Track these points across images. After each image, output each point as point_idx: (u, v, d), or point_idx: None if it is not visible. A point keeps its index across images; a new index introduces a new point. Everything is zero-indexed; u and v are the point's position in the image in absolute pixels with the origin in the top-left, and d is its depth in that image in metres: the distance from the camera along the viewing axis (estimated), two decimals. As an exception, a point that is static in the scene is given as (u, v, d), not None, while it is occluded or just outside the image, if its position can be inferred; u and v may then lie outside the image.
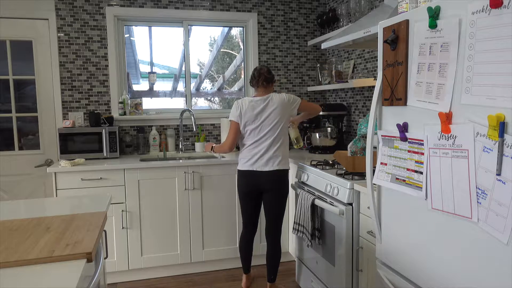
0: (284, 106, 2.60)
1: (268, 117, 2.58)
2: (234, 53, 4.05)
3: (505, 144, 1.13)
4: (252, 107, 2.60)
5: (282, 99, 2.61)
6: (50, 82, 3.42)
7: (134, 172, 3.03)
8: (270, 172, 2.60)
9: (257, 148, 2.60)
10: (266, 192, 2.67)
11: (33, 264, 1.16)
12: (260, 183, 2.63)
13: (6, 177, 3.38)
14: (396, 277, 1.66)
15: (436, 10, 1.37)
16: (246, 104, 2.62)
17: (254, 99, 2.63)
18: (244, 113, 2.60)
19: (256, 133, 2.60)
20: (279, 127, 2.60)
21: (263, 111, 2.59)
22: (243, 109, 2.61)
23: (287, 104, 2.62)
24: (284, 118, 2.62)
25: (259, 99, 2.61)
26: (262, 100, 2.60)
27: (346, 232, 2.19)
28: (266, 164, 2.59)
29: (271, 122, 2.58)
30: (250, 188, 2.68)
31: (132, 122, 3.58)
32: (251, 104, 2.61)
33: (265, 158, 2.59)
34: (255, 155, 2.60)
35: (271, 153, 2.59)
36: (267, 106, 2.59)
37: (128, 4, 3.51)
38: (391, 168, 1.64)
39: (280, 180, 2.64)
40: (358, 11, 3.13)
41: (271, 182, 2.62)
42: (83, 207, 1.78)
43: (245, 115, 2.60)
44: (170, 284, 3.06)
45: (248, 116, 2.60)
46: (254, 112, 2.59)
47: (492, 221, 1.18)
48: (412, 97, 1.52)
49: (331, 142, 3.41)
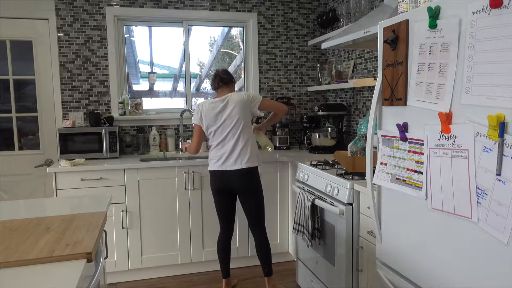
0: (243, 104, 2.60)
1: (228, 117, 2.58)
2: (234, 53, 4.05)
3: (505, 144, 1.13)
4: (212, 108, 2.61)
5: (241, 98, 2.61)
6: (50, 82, 3.42)
7: (134, 172, 3.03)
8: (239, 170, 2.60)
9: (224, 148, 2.61)
10: (239, 192, 2.68)
11: (33, 264, 1.16)
12: (231, 182, 2.63)
13: (6, 177, 3.38)
14: (396, 277, 1.66)
15: (436, 10, 1.37)
16: (206, 106, 2.63)
17: (214, 100, 2.64)
18: (205, 115, 2.62)
19: (219, 133, 2.61)
20: (241, 125, 2.59)
21: (222, 111, 2.59)
22: (203, 111, 2.62)
23: (246, 102, 2.61)
24: (245, 116, 2.61)
25: (218, 99, 2.63)
26: (221, 101, 2.61)
27: (346, 232, 2.19)
28: (235, 163, 2.59)
29: (232, 121, 2.58)
30: (222, 187, 2.68)
31: (132, 122, 3.58)
32: (211, 106, 2.62)
33: (233, 157, 2.60)
34: (223, 155, 2.61)
35: (238, 151, 2.59)
36: (226, 106, 2.59)
37: (128, 4, 3.51)
38: (391, 168, 1.64)
39: (249, 178, 2.64)
40: (358, 11, 3.13)
41: (241, 181, 2.62)
42: (83, 207, 1.78)
43: (206, 117, 2.62)
44: (170, 284, 3.06)
45: (209, 117, 2.61)
46: (214, 113, 2.60)
47: (492, 221, 1.18)
48: (412, 97, 1.52)
49: (331, 142, 3.41)
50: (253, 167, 2.64)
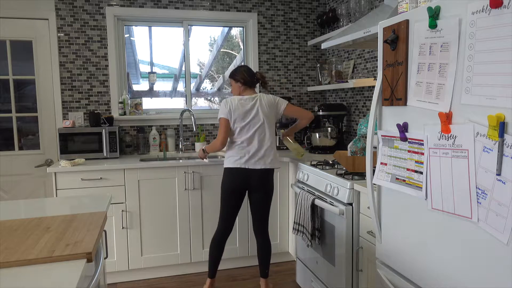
0: (271, 107, 2.66)
1: (257, 116, 2.62)
2: (234, 53, 4.05)
3: (505, 144, 1.13)
4: (241, 105, 2.62)
5: (270, 99, 2.67)
6: (50, 82, 3.42)
7: (134, 172, 3.03)
8: (262, 170, 2.63)
9: (249, 146, 2.62)
10: (254, 191, 2.68)
11: (33, 264, 1.16)
12: (250, 181, 2.64)
13: (6, 177, 3.38)
14: (396, 277, 1.66)
15: (436, 10, 1.37)
16: (236, 102, 2.63)
17: (243, 97, 2.66)
18: (233, 110, 2.62)
19: (245, 131, 2.62)
20: (268, 126, 2.64)
21: (252, 109, 2.62)
22: (232, 106, 2.62)
23: (274, 105, 2.68)
24: (272, 118, 2.67)
25: (248, 97, 2.65)
26: (251, 99, 2.64)
27: (346, 232, 2.19)
28: (258, 162, 2.61)
29: (260, 120, 2.62)
30: (238, 186, 2.67)
31: (132, 122, 3.58)
32: (240, 102, 2.63)
33: (257, 156, 2.61)
34: (246, 153, 2.62)
35: (263, 151, 2.62)
36: (255, 105, 2.63)
37: (128, 4, 3.51)
38: (391, 168, 1.64)
39: (269, 179, 2.68)
40: (358, 11, 3.13)
41: (261, 181, 2.64)
42: (83, 207, 1.78)
43: (234, 112, 2.61)
44: (170, 284, 3.06)
45: (238, 113, 2.61)
46: (243, 110, 2.61)
47: (492, 221, 1.18)
48: (412, 97, 1.52)
49: (331, 142, 3.41)
50: (274, 168, 2.70)
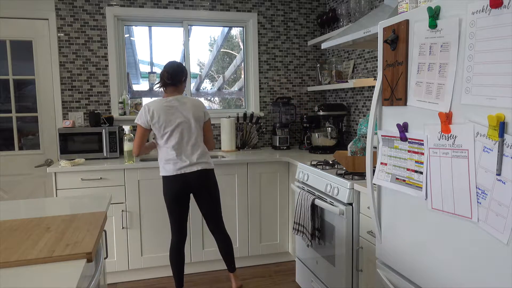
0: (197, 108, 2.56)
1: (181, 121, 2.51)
2: (234, 53, 4.05)
3: (505, 144, 1.13)
4: (165, 108, 2.50)
5: (196, 103, 2.57)
6: (50, 82, 3.42)
7: (134, 172, 3.03)
8: (198, 171, 2.53)
9: (179, 150, 2.52)
10: (196, 193, 2.61)
11: (33, 264, 1.16)
12: (189, 184, 2.55)
13: (6, 177, 3.38)
14: (396, 277, 1.66)
15: (436, 10, 1.37)
16: (157, 105, 2.51)
17: (166, 99, 2.54)
18: (158, 116, 2.49)
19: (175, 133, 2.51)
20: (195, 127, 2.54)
21: (178, 110, 2.51)
22: (155, 112, 2.49)
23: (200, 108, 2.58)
24: (199, 120, 2.56)
25: (171, 99, 2.54)
26: (175, 100, 2.53)
27: (346, 232, 2.19)
28: (193, 165, 2.52)
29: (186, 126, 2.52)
30: (180, 192, 2.56)
31: (132, 122, 3.57)
32: (164, 105, 2.51)
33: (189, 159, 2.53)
34: (178, 158, 2.52)
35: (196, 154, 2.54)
36: (182, 105, 2.52)
37: (128, 4, 3.51)
38: (391, 168, 1.64)
39: (208, 178, 2.59)
40: (358, 11, 3.13)
41: (200, 181, 2.55)
42: (83, 207, 1.78)
43: (159, 117, 2.49)
44: (170, 284, 3.06)
45: (164, 117, 2.49)
46: (170, 112, 2.50)
47: (492, 221, 1.18)
48: (412, 97, 1.52)
49: (331, 142, 3.41)
50: (210, 168, 2.61)
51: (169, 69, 2.55)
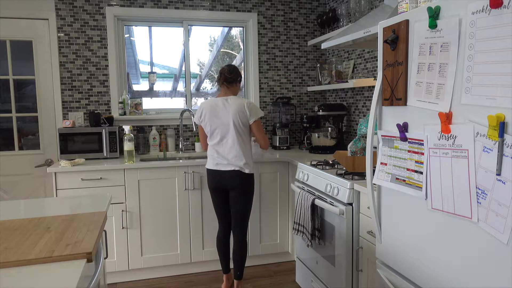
0: (240, 110, 2.63)
1: (225, 120, 2.63)
2: (234, 53, 4.05)
3: (505, 144, 1.13)
4: (212, 108, 2.67)
5: (239, 104, 2.64)
6: (50, 82, 3.42)
7: (134, 172, 3.03)
8: (231, 172, 2.67)
9: (219, 148, 2.68)
10: (229, 192, 2.77)
11: (33, 264, 1.16)
12: (223, 181, 2.72)
13: (6, 177, 3.38)
14: (396, 277, 1.66)
15: (436, 10, 1.37)
16: (208, 105, 2.69)
17: (216, 99, 2.70)
18: (204, 114, 2.68)
19: (216, 133, 2.68)
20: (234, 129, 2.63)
21: (221, 111, 2.65)
22: (203, 111, 2.69)
23: (243, 110, 2.64)
24: (240, 122, 2.64)
25: (220, 99, 2.69)
26: (222, 101, 2.67)
27: (346, 232, 2.19)
28: (228, 165, 2.67)
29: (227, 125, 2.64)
30: (216, 185, 2.77)
31: (132, 122, 3.58)
32: (211, 104, 2.68)
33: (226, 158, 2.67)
34: (217, 156, 2.70)
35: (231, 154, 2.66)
36: (225, 107, 2.65)
37: (128, 4, 3.51)
38: (391, 168, 1.64)
39: (241, 179, 2.69)
40: (358, 11, 3.13)
41: (232, 182, 2.70)
42: (83, 207, 1.78)
43: (205, 116, 2.68)
44: (170, 284, 3.06)
45: (208, 116, 2.67)
46: (214, 113, 2.66)
47: (492, 221, 1.18)
48: (412, 97, 1.52)
49: (331, 142, 3.41)
50: (247, 173, 2.73)
51: (228, 66, 2.75)
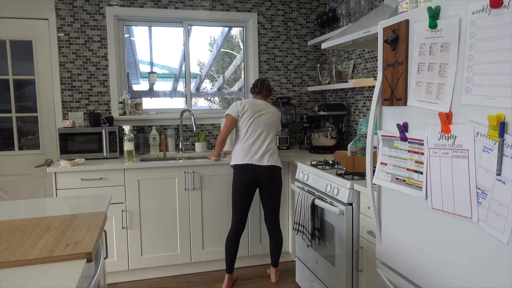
0: (277, 116, 2.96)
1: (266, 118, 2.88)
2: (234, 53, 4.05)
3: (505, 144, 1.13)
4: (255, 104, 2.91)
5: (277, 112, 2.98)
6: (50, 82, 3.42)
7: (134, 172, 3.03)
8: (268, 167, 2.83)
9: (256, 143, 2.86)
10: (262, 186, 2.90)
11: (33, 264, 1.16)
12: (258, 176, 2.85)
13: (6, 177, 3.38)
14: (396, 277, 1.66)
15: (436, 10, 1.37)
16: (249, 101, 2.93)
17: (256, 100, 2.96)
18: (246, 109, 2.88)
19: (255, 129, 2.87)
20: (270, 128, 2.90)
21: (263, 111, 2.89)
22: (246, 105, 2.89)
23: (278, 118, 2.98)
24: (275, 125, 2.93)
25: (261, 101, 2.95)
26: (263, 103, 2.93)
27: (346, 232, 2.19)
28: (263, 159, 2.84)
29: (268, 122, 2.88)
30: (248, 180, 2.87)
31: (132, 122, 3.58)
32: (254, 102, 2.93)
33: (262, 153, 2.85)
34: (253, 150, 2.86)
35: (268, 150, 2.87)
36: (266, 109, 2.90)
37: (128, 4, 3.51)
38: (391, 168, 1.64)
39: (276, 174, 2.88)
40: (358, 11, 3.13)
41: (269, 176, 2.85)
42: (83, 207, 1.78)
43: (246, 111, 2.88)
44: (170, 284, 3.06)
45: (251, 112, 2.87)
46: (256, 110, 2.88)
47: (492, 221, 1.18)
48: (412, 97, 1.52)
49: (331, 142, 3.41)
50: (279, 166, 2.94)
51: (262, 79, 3.05)
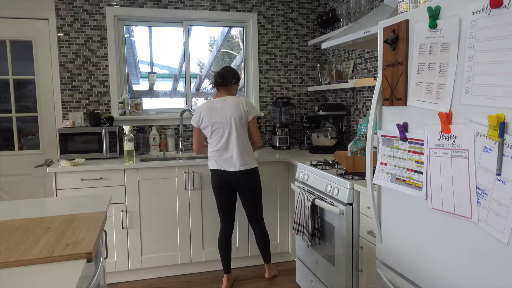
0: (238, 106, 2.71)
1: (222, 117, 2.70)
2: (234, 53, 4.05)
3: (505, 144, 1.13)
4: (210, 109, 2.73)
5: (237, 102, 2.71)
6: (50, 82, 3.42)
7: (134, 172, 3.03)
8: (238, 172, 2.73)
9: (221, 147, 2.74)
10: (238, 190, 2.84)
11: (33, 264, 1.16)
12: (230, 181, 2.77)
13: (6, 177, 3.38)
14: (396, 277, 1.66)
15: (436, 10, 1.37)
16: (205, 106, 2.75)
17: (212, 101, 2.78)
18: (203, 117, 2.73)
19: (217, 133, 2.73)
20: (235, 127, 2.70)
21: (220, 110, 2.72)
22: (201, 112, 2.74)
23: (241, 107, 2.72)
24: (238, 119, 2.70)
25: (217, 100, 2.76)
26: (220, 101, 2.74)
27: (346, 232, 2.19)
28: (232, 164, 2.73)
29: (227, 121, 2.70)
30: (222, 185, 2.81)
31: (132, 122, 3.58)
32: (208, 106, 2.75)
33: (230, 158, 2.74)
34: (219, 156, 2.76)
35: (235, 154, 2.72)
36: (223, 106, 2.71)
37: (128, 4, 3.51)
38: (391, 168, 1.64)
39: (247, 177, 2.77)
40: (358, 11, 3.13)
41: (239, 181, 2.76)
42: (83, 207, 1.78)
43: (203, 118, 2.73)
44: (170, 284, 3.06)
45: (208, 117, 2.72)
46: (212, 113, 2.72)
47: (492, 221, 1.18)
48: (412, 97, 1.52)
49: (331, 142, 3.41)
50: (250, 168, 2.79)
51: (221, 70, 2.82)
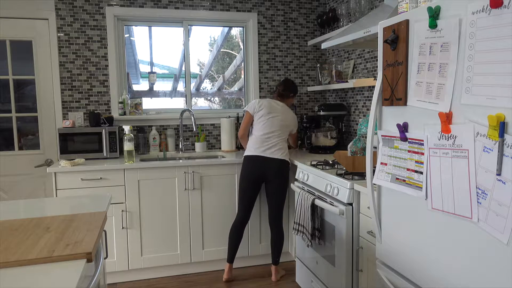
0: (292, 120, 3.10)
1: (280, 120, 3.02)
2: (234, 53, 4.05)
3: (505, 144, 1.13)
4: (270, 104, 3.08)
5: (293, 115, 3.11)
6: (50, 82, 3.42)
7: (134, 172, 3.03)
8: (277, 159, 2.92)
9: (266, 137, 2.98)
10: (268, 178, 2.97)
11: (33, 264, 1.16)
12: (262, 167, 2.95)
13: (6, 177, 3.38)
14: (396, 277, 1.66)
15: (436, 10, 1.37)
16: (267, 101, 3.09)
17: (274, 100, 3.13)
18: (263, 107, 3.04)
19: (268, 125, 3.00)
20: (281, 127, 3.02)
21: (278, 111, 3.04)
22: (263, 103, 3.06)
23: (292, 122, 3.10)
24: (286, 127, 3.05)
25: (279, 102, 3.11)
26: (281, 104, 3.09)
27: (346, 232, 2.19)
28: (273, 152, 2.95)
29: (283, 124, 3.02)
30: (252, 172, 2.98)
31: (132, 122, 3.58)
32: (269, 102, 3.09)
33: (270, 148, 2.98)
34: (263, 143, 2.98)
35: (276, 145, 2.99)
36: (282, 112, 3.05)
37: (128, 4, 3.51)
38: (391, 168, 1.64)
39: (281, 166, 2.94)
40: (358, 11, 3.13)
41: (273, 166, 2.92)
42: (83, 207, 1.78)
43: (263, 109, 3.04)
44: (170, 284, 3.06)
45: (267, 110, 3.03)
46: (272, 109, 3.04)
47: (492, 221, 1.18)
48: (412, 97, 1.52)
49: (331, 142, 3.41)
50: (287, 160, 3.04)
51: (284, 83, 3.21)
